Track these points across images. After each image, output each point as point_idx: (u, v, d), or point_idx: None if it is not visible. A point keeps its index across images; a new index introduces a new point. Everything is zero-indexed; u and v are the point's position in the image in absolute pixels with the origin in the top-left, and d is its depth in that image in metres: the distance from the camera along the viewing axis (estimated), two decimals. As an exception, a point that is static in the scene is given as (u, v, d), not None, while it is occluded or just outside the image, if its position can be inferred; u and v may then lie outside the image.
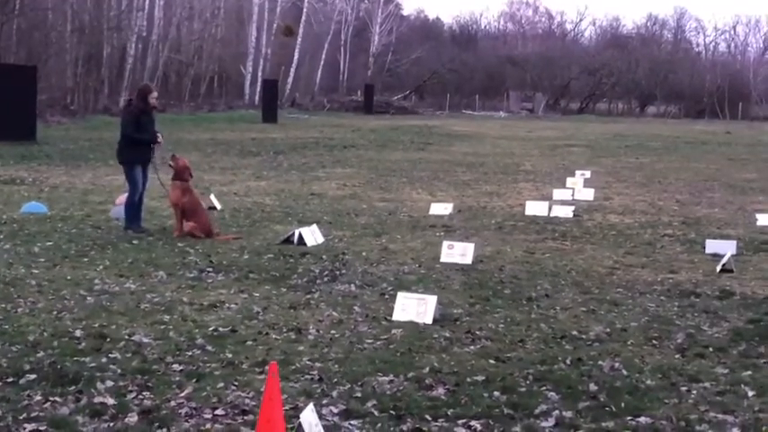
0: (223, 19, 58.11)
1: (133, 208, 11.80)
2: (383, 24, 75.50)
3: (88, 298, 7.96)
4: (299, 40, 64.34)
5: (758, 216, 13.99)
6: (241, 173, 20.21)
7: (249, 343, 6.68)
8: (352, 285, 8.77)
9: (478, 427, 5.18)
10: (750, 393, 5.83)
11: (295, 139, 32.04)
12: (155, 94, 11.96)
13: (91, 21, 43.93)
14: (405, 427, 5.15)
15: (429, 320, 7.38)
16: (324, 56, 67.98)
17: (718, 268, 9.88)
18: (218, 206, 14.12)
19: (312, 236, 11.10)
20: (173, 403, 5.40)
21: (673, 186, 19.31)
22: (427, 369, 6.16)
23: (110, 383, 5.68)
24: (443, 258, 10.12)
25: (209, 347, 6.52)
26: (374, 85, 65.09)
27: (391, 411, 5.36)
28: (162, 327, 7.06)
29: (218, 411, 5.30)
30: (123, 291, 8.30)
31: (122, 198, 14.37)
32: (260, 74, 59.32)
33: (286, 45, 64.37)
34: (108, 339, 6.66)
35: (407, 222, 13.28)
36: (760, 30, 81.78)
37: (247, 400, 5.47)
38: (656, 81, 74.44)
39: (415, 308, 7.52)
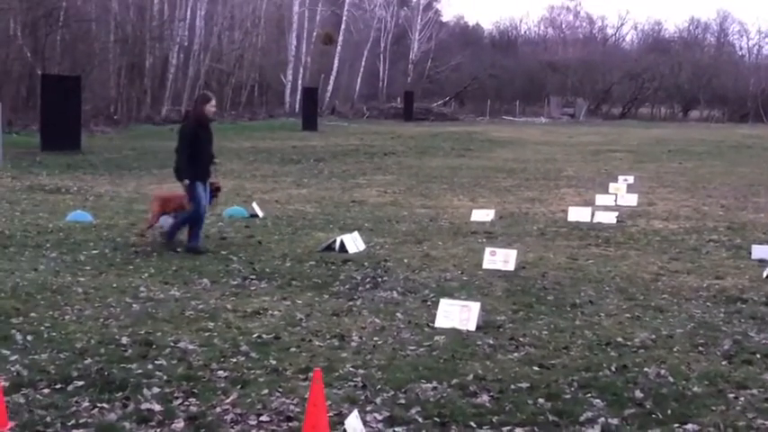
0: (263, 28, 58.49)
1: (196, 224, 11.00)
2: (422, 31, 75.51)
3: (134, 305, 8.05)
4: (339, 48, 64.57)
5: (805, 221, 13.78)
6: (282, 180, 20.32)
7: (293, 350, 6.71)
8: (395, 292, 8.78)
9: (523, 434, 5.16)
10: (799, 400, 5.75)
11: (335, 146, 32.15)
12: (213, 102, 11.13)
13: (134, 31, 44.50)
14: (449, 434, 5.15)
15: (472, 327, 7.36)
16: (363, 63, 68.15)
17: (765, 274, 9.75)
18: (261, 214, 14.21)
19: (354, 243, 11.12)
20: (218, 410, 5.44)
21: (717, 191, 19.08)
22: (471, 376, 6.14)
23: (156, 390, 5.74)
24: (486, 265, 10.09)
25: (254, 354, 6.56)
26: (414, 92, 65.07)
27: (435, 418, 5.35)
28: (206, 334, 7.12)
29: (263, 418, 5.33)
30: (168, 298, 8.38)
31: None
32: (300, 82, 59.60)
33: (326, 53, 64.64)
34: (154, 346, 6.73)
35: (449, 229, 13.26)
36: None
37: (292, 407, 5.49)
38: (698, 85, 73.63)
39: (458, 314, 7.51)
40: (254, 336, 7.06)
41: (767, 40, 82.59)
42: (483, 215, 14.32)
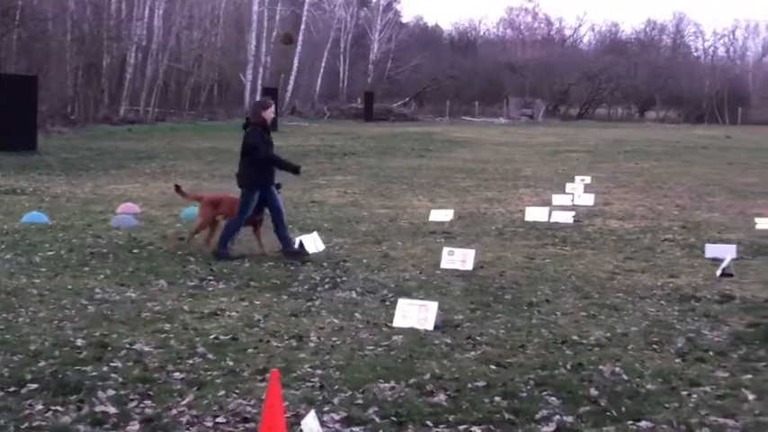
0: (222, 27, 58.11)
1: (233, 231, 10.83)
2: (382, 32, 75.57)
3: (89, 307, 7.98)
4: (299, 48, 64.40)
5: (758, 220, 14.00)
6: (241, 181, 20.18)
7: (250, 351, 6.70)
8: (353, 292, 8.79)
9: (479, 432, 5.20)
10: (750, 397, 5.84)
11: (295, 146, 32.05)
12: (273, 108, 11.07)
13: (91, 30, 43.99)
14: (406, 434, 5.16)
15: (430, 327, 7.40)
16: (323, 63, 68.04)
17: (719, 272, 9.90)
18: (219, 214, 14.10)
19: (313, 243, 11.11)
20: (174, 411, 5.41)
21: (673, 191, 19.33)
22: (428, 375, 6.17)
23: (111, 392, 5.70)
24: (444, 265, 10.13)
25: (210, 356, 6.54)
26: (374, 93, 65.12)
27: (392, 418, 5.37)
28: (163, 335, 7.07)
29: (220, 419, 5.31)
30: (124, 300, 8.31)
31: (123, 207, 14.45)
32: (260, 82, 59.34)
33: (286, 53, 64.43)
34: (109, 348, 6.68)
35: (408, 229, 13.30)
36: (759, 34, 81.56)
37: (249, 408, 5.48)
38: (655, 86, 74.49)
39: (416, 314, 7.54)
40: (212, 337, 7.03)
41: (722, 41, 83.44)
42: (442, 215, 14.38)
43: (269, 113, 10.84)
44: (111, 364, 6.30)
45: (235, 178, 11.05)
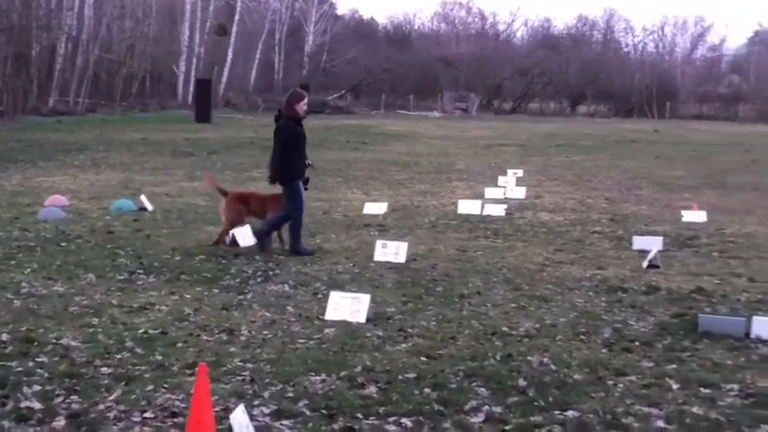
0: (155, 18, 57.36)
1: (298, 225, 10.54)
2: (317, 24, 75.26)
3: (15, 301, 7.83)
4: (233, 39, 63.81)
5: (684, 213, 14.32)
6: (174, 173, 20.01)
7: (180, 345, 6.64)
8: (286, 285, 8.77)
9: (409, 424, 5.23)
10: (674, 386, 5.98)
11: (229, 138, 31.80)
12: (306, 100, 10.59)
13: (20, 20, 42.98)
14: (336, 426, 5.17)
15: (362, 319, 7.42)
16: (258, 55, 67.55)
17: (645, 264, 10.10)
18: (150, 207, 13.96)
19: (245, 236, 11.04)
20: (101, 407, 5.35)
21: (602, 184, 19.65)
22: (359, 368, 6.19)
23: (37, 388, 5.61)
24: (377, 257, 10.16)
25: (139, 350, 6.47)
26: (309, 85, 64.85)
27: (323, 411, 5.37)
28: (90, 330, 6.97)
29: (148, 414, 5.26)
30: (51, 294, 8.17)
31: (51, 199, 14.19)
32: (193, 73, 58.70)
33: (219, 44, 63.79)
34: (35, 343, 6.56)
35: (342, 222, 13.30)
36: (687, 30, 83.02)
37: (177, 403, 5.43)
38: (586, 81, 75.45)
39: (348, 307, 7.55)
40: (141, 331, 6.95)
41: (651, 37, 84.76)
42: (376, 208, 14.41)
43: (302, 106, 10.49)
44: (38, 359, 6.20)
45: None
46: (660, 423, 5.33)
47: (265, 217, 10.81)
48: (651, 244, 11.03)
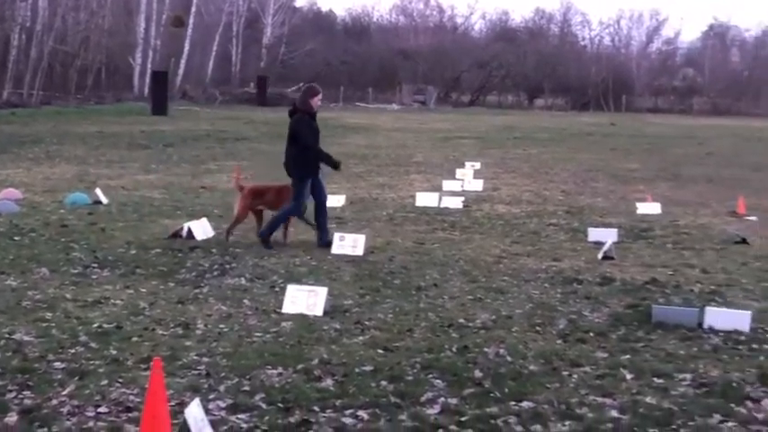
0: (110, 9, 56.68)
1: (283, 219, 10.64)
2: (275, 16, 74.88)
3: (-34, 296, 7.71)
4: (190, 30, 63.34)
5: (639, 205, 14.48)
6: (129, 166, 19.82)
7: (135, 339, 6.58)
8: (243, 279, 8.73)
9: (365, 416, 5.24)
10: (628, 376, 6.04)
11: (185, 131, 31.56)
12: (320, 96, 10.70)
13: (-30, 10, 42.35)
14: (293, 419, 5.16)
15: (319, 312, 7.41)
16: (215, 47, 67.10)
17: (600, 256, 10.20)
18: (105, 200, 13.81)
19: (202, 229, 10.98)
20: (54, 402, 5.29)
21: (558, 177, 19.79)
22: (316, 360, 6.18)
23: (-12, 383, 5.53)
24: (334, 250, 10.15)
25: (93, 344, 6.40)
26: (267, 77, 64.56)
27: (279, 404, 5.36)
28: (44, 324, 6.89)
29: (102, 409, 5.21)
30: (4, 288, 8.06)
31: (5, 193, 13.98)
32: (149, 65, 58.19)
33: (176, 36, 63.27)
34: (-13, 338, 6.47)
35: (299, 215, 13.23)
36: (642, 24, 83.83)
37: (132, 397, 5.39)
38: (543, 74, 75.98)
39: (305, 300, 7.54)
40: (95, 326, 6.88)
41: (608, 30, 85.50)
42: (334, 201, 14.33)
43: (316, 101, 10.55)
44: (-11, 354, 6.11)
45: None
46: (614, 413, 5.39)
47: (281, 207, 10.73)
48: (606, 236, 11.15)
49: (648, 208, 14.19)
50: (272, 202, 10.90)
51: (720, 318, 7.29)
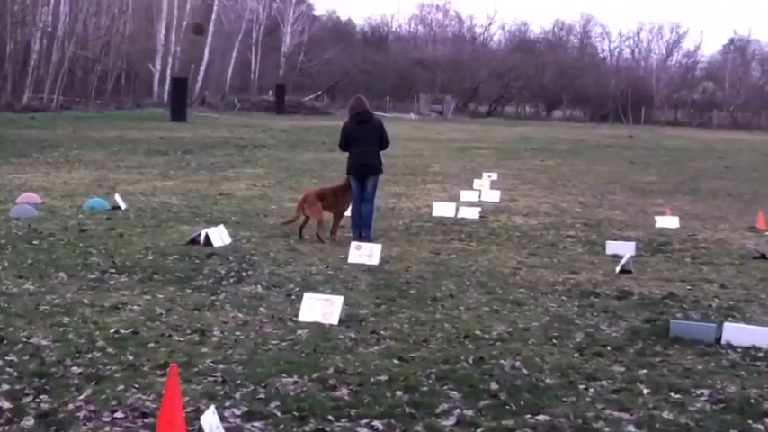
0: (131, 15, 57.08)
1: (356, 217, 11.84)
2: (295, 24, 75.19)
3: (-15, 300, 7.75)
4: (210, 38, 63.65)
5: (657, 218, 14.41)
6: (148, 172, 19.91)
7: (151, 345, 6.60)
8: (259, 286, 8.74)
9: (380, 426, 5.23)
10: (645, 391, 6.00)
11: (204, 138, 31.70)
12: (353, 105, 12.05)
13: (-7, 14, 42.69)
14: (307, 428, 5.16)
15: (335, 321, 7.40)
16: (235, 55, 67.38)
17: (618, 269, 10.15)
18: (123, 206, 13.87)
19: (219, 236, 11.00)
20: (71, 406, 5.30)
21: (576, 189, 19.74)
22: (331, 369, 6.17)
23: (6, 387, 5.55)
24: (351, 259, 10.15)
25: (110, 350, 6.42)
26: (285, 85, 64.76)
27: (294, 412, 5.36)
28: (61, 329, 6.92)
29: (118, 414, 5.22)
30: (22, 292, 8.10)
31: (24, 197, 14.07)
32: (169, 72, 58.48)
33: (196, 43, 63.61)
34: (5, 342, 6.50)
35: (316, 223, 13.23)
36: (663, 36, 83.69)
37: (148, 403, 5.40)
38: (562, 85, 75.89)
39: (321, 308, 7.53)
40: (112, 331, 6.90)
41: (627, 43, 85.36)
42: (350, 210, 14.36)
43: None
44: (7, 357, 6.14)
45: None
46: (631, 428, 5.36)
47: (339, 208, 12.00)
48: (624, 249, 11.10)
49: (667, 222, 14.13)
50: (331, 205, 11.87)
51: (738, 333, 7.24)
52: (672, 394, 5.95)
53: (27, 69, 46.32)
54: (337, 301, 7.60)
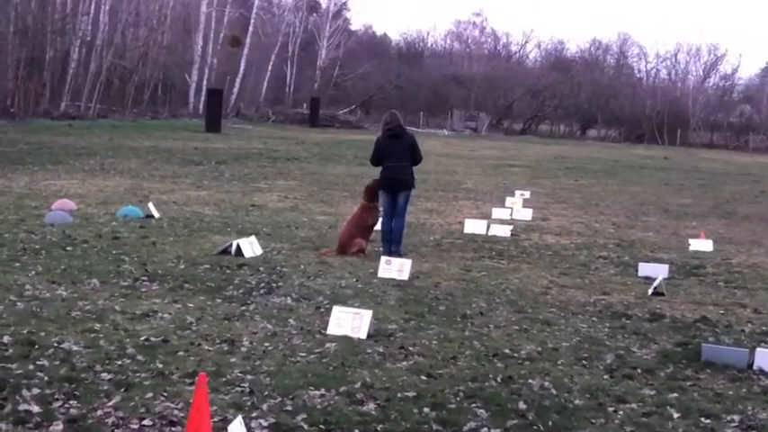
0: (169, 26, 57.59)
1: (403, 233, 12.05)
2: (331, 38, 75.50)
3: (18, 304, 7.83)
4: (246, 50, 64.06)
5: (691, 241, 14.27)
6: (181, 182, 20.05)
7: (181, 353, 6.63)
8: (289, 298, 8.76)
9: (407, 442, 5.21)
10: (675, 415, 5.94)
11: (238, 149, 31.88)
12: (387, 120, 12.35)
13: (35, 23, 43.25)
14: (334, 442, 5.16)
15: (363, 335, 7.40)
16: (270, 67, 67.78)
17: (650, 291, 10.06)
18: (157, 214, 13.98)
19: (250, 247, 11.05)
20: (99, 413, 5.34)
21: (610, 209, 19.60)
22: (359, 384, 6.17)
23: (36, 391, 5.60)
24: (381, 273, 10.15)
25: (140, 357, 6.46)
26: (320, 99, 64.98)
27: (321, 425, 5.36)
28: (92, 335, 6.97)
29: (146, 422, 5.25)
30: (54, 297, 8.18)
31: (59, 203, 14.23)
32: (205, 83, 58.93)
33: (232, 55, 64.04)
34: (36, 346, 6.56)
35: (347, 237, 13.26)
36: (700, 58, 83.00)
37: (176, 411, 5.42)
38: (597, 105, 75.45)
39: (349, 322, 7.54)
40: (142, 338, 6.95)
41: (665, 64, 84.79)
42: (379, 224, 14.36)
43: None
44: (38, 362, 6.19)
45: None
46: (659, 452, 5.31)
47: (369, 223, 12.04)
48: (657, 271, 11.01)
49: (701, 245, 13.98)
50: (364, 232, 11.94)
51: (771, 360, 7.15)
52: (702, 419, 5.89)
53: (65, 77, 46.87)
54: (366, 315, 7.60)
